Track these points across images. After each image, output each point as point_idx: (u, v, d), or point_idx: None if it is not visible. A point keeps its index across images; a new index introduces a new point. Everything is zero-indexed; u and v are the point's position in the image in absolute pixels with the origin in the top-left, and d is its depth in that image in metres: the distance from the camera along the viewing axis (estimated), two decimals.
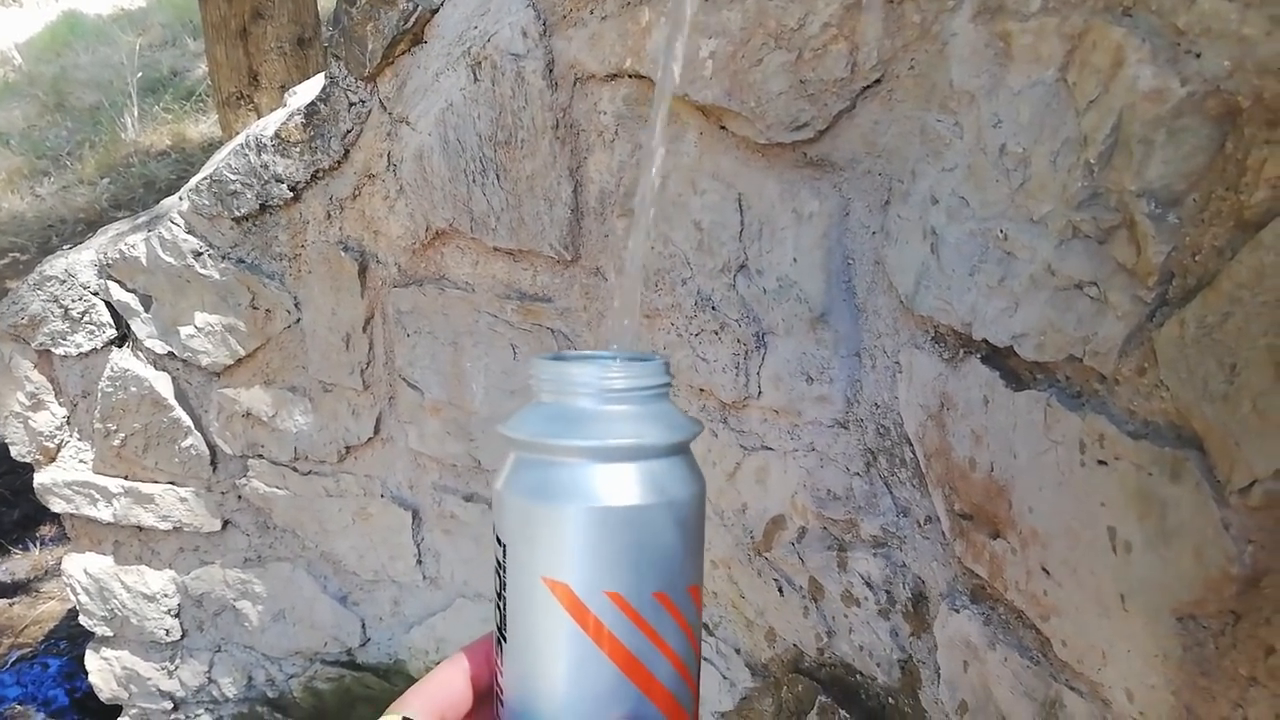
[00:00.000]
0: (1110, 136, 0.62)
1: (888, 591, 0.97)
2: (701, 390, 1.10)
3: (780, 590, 1.10)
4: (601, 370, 0.44)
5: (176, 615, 1.75)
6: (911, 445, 0.89)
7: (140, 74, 5.50)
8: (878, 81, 0.86)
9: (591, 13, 1.05)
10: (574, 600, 0.41)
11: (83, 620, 1.81)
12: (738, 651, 1.22)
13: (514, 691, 0.44)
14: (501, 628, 0.44)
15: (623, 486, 0.42)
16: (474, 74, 1.14)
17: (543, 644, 0.42)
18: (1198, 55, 0.57)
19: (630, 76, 1.05)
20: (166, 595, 1.74)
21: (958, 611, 0.85)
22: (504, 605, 0.44)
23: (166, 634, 1.76)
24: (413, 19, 1.16)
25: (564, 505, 0.41)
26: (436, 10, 1.16)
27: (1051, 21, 0.67)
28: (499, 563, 0.44)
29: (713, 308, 1.05)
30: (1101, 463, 0.65)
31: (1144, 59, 0.59)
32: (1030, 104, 0.69)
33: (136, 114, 5.29)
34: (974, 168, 0.75)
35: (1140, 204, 0.60)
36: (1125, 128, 0.61)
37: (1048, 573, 0.72)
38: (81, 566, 1.75)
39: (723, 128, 0.99)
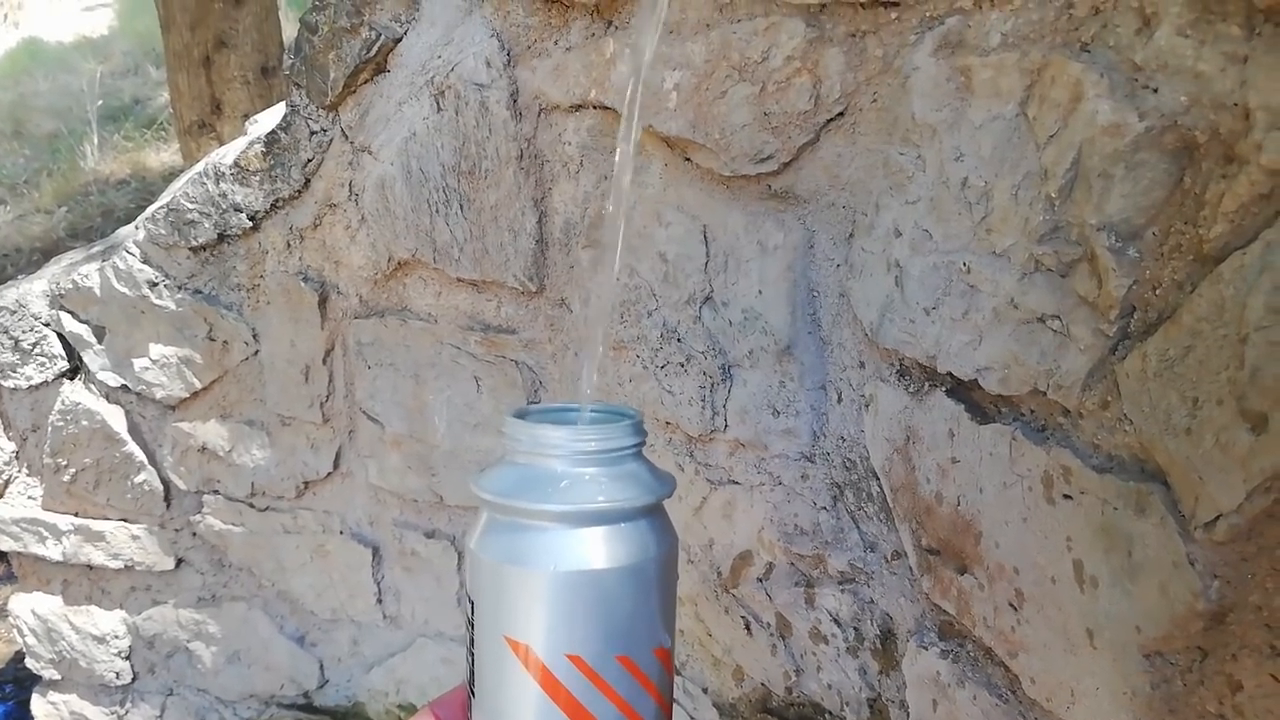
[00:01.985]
0: (1070, 170, 0.63)
1: (856, 628, 0.96)
2: (668, 424, 1.08)
3: (748, 627, 1.08)
4: (573, 433, 0.44)
5: (127, 657, 1.70)
6: (878, 479, 0.89)
7: (101, 102, 5.44)
8: (841, 114, 0.86)
9: (555, 44, 1.05)
10: (536, 662, 0.41)
11: (29, 663, 1.74)
12: (705, 691, 1.20)
13: None
14: (471, 683, 0.44)
15: (589, 550, 0.42)
16: (437, 103, 1.13)
17: (507, 703, 0.43)
18: (1155, 90, 0.57)
19: (595, 107, 1.05)
20: (117, 637, 1.68)
21: (926, 648, 0.84)
22: (473, 661, 0.44)
23: (117, 677, 1.70)
24: (375, 48, 1.15)
25: (529, 568, 0.42)
26: (399, 39, 1.15)
27: (1011, 57, 0.68)
28: (469, 619, 0.44)
29: (678, 340, 1.04)
30: (1067, 497, 0.64)
31: (1102, 94, 0.60)
32: (991, 138, 0.70)
33: (96, 142, 5.23)
34: (937, 201, 0.76)
35: (1101, 237, 0.61)
36: (1085, 162, 0.62)
37: (1015, 609, 0.71)
38: (29, 607, 1.69)
39: (687, 159, 0.98)
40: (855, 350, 0.91)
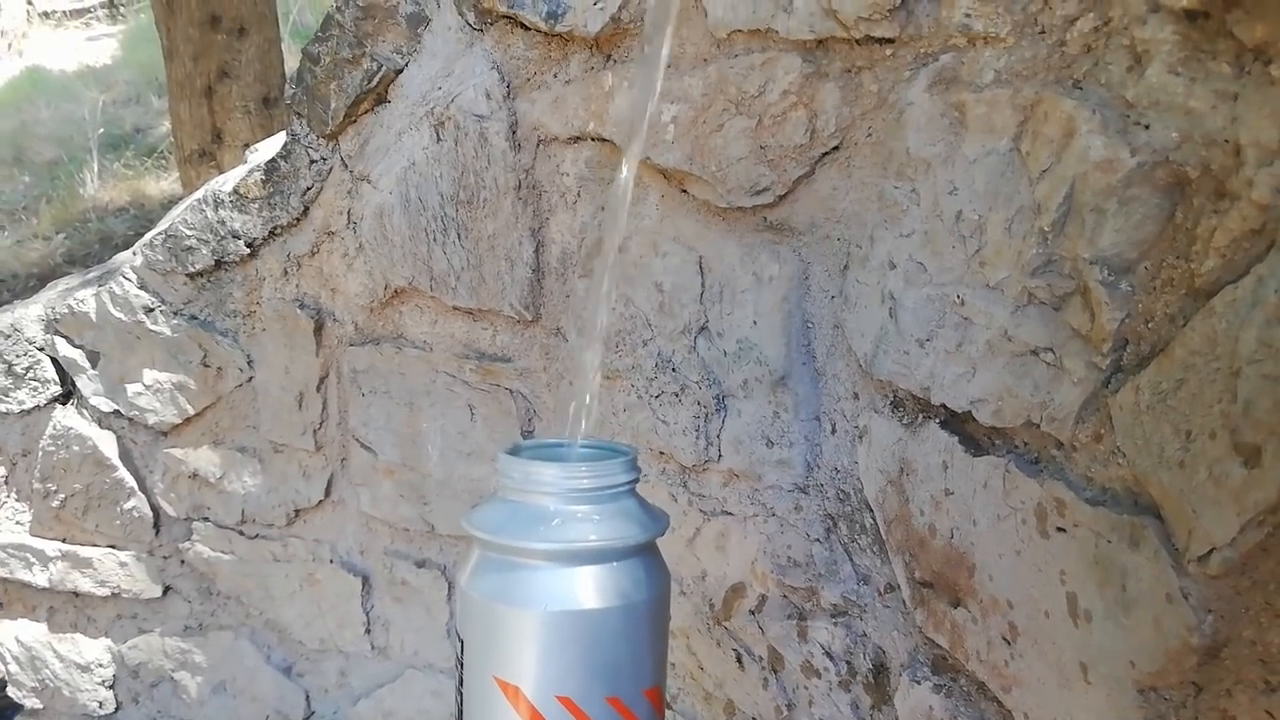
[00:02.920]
0: (1063, 205, 0.63)
1: (848, 662, 0.95)
2: (661, 454, 1.08)
3: (740, 661, 1.07)
4: (566, 470, 0.43)
5: (111, 687, 1.67)
6: (871, 511, 0.88)
7: (102, 130, 5.47)
8: (836, 148, 0.87)
9: (555, 76, 1.06)
10: (525, 703, 0.41)
11: (11, 691, 1.72)
12: None
13: None
14: None
15: (579, 591, 0.41)
16: (437, 134, 1.14)
17: None
18: (1146, 127, 0.58)
19: (593, 140, 1.06)
20: (101, 665, 1.66)
21: (919, 683, 0.83)
22: (461, 700, 0.43)
23: (100, 706, 1.68)
24: (376, 78, 1.17)
25: (520, 608, 0.41)
26: (401, 70, 1.17)
27: (1004, 93, 0.69)
28: (459, 658, 0.44)
29: (673, 369, 1.04)
30: (1060, 529, 0.64)
31: (1094, 130, 0.61)
32: (985, 172, 0.70)
33: (96, 170, 5.25)
34: (931, 234, 0.76)
35: (1093, 271, 0.61)
36: (1077, 196, 0.62)
37: (1009, 642, 0.71)
38: (13, 634, 1.67)
39: (684, 191, 0.99)
40: (849, 382, 0.91)
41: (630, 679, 0.42)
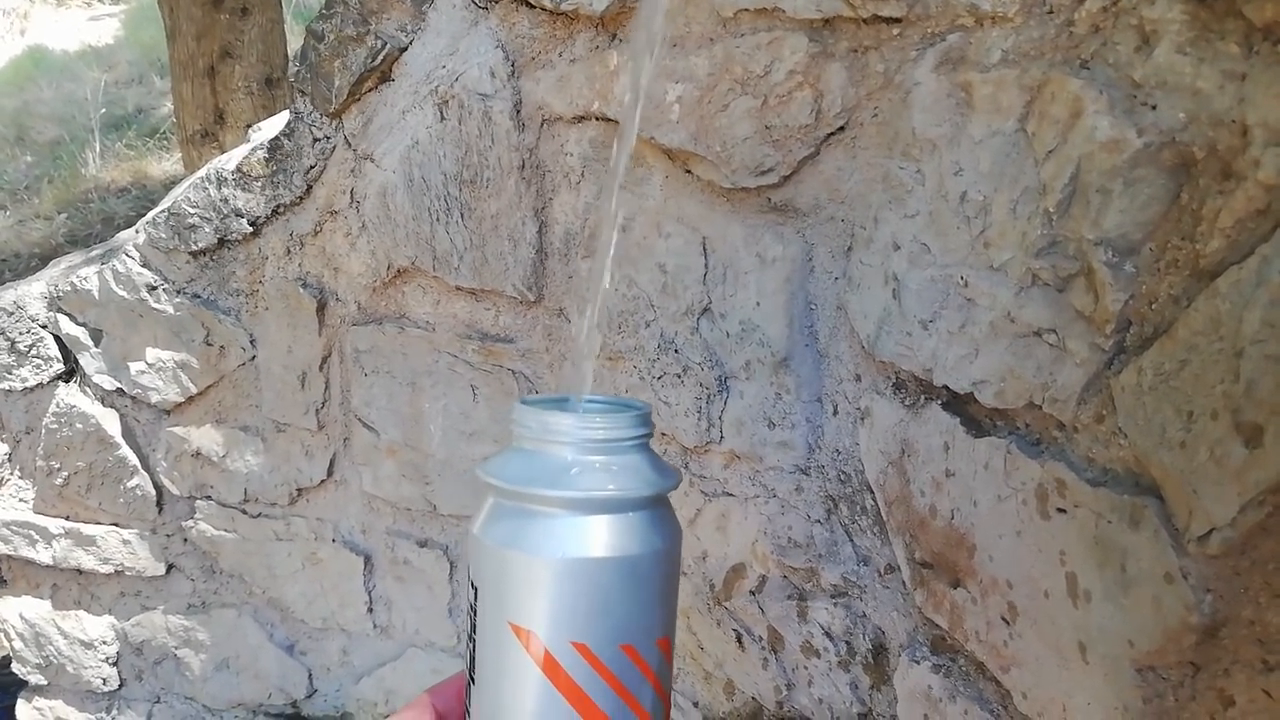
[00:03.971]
0: (1069, 186, 0.63)
1: (848, 642, 0.96)
2: (664, 434, 1.08)
3: (740, 641, 1.08)
4: (582, 420, 0.44)
5: (115, 664, 1.68)
6: (872, 492, 0.89)
7: (104, 110, 5.45)
8: (841, 129, 0.86)
9: (560, 55, 1.06)
10: (540, 648, 0.41)
11: (15, 668, 1.73)
12: (696, 705, 1.19)
13: None
14: (471, 669, 0.44)
15: (595, 539, 0.42)
16: (441, 113, 1.14)
17: (508, 690, 0.42)
18: (1153, 107, 0.58)
19: (597, 119, 1.05)
20: (105, 642, 1.67)
21: (918, 663, 0.84)
22: (474, 647, 0.44)
23: (104, 683, 1.69)
24: (380, 56, 1.16)
25: (536, 555, 0.42)
26: (405, 49, 1.16)
27: (1011, 73, 0.68)
28: (471, 605, 0.44)
29: (676, 351, 1.04)
30: (1061, 510, 0.64)
31: (1101, 110, 0.60)
32: (991, 153, 0.70)
33: (98, 150, 5.24)
34: (935, 215, 0.76)
35: (1098, 252, 0.61)
36: (1083, 177, 0.62)
37: (1008, 623, 0.71)
38: (17, 611, 1.68)
39: (688, 171, 0.99)
40: (852, 363, 0.91)
41: (643, 628, 0.43)
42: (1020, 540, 0.69)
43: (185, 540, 1.58)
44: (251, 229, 1.33)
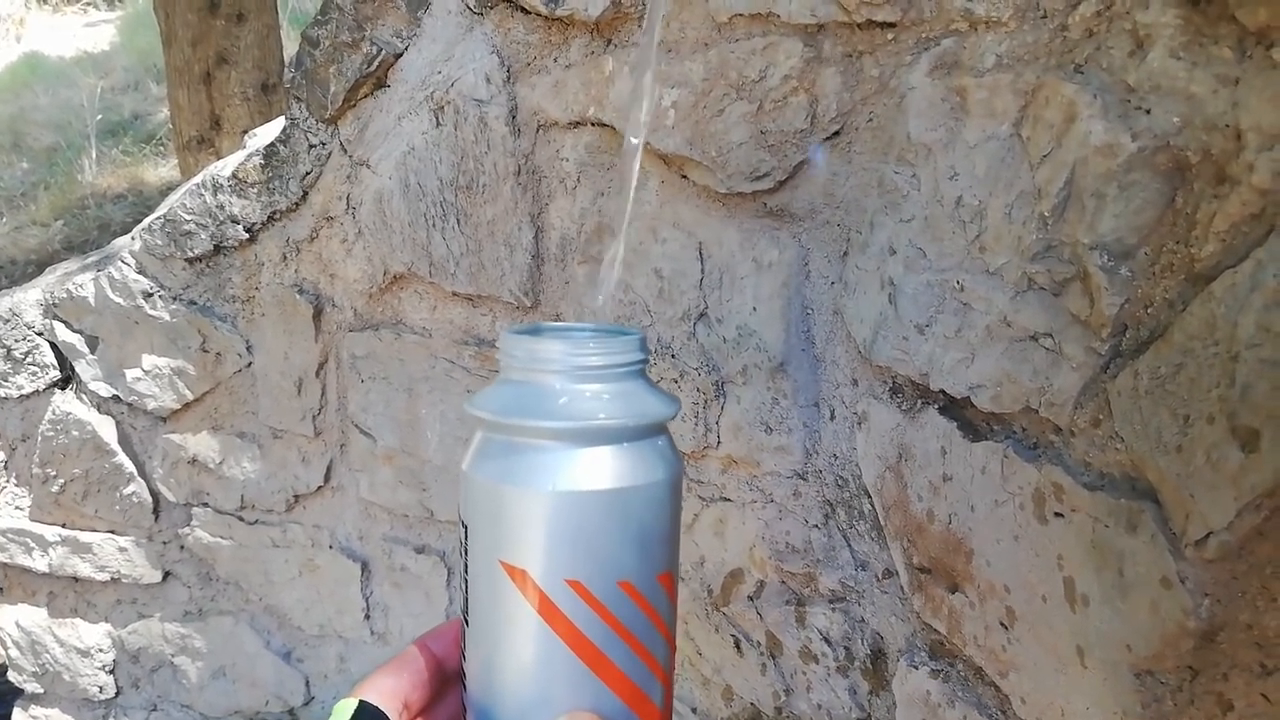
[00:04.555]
0: (1063, 190, 0.63)
1: (846, 648, 0.95)
2: None
3: (738, 646, 1.08)
4: (573, 346, 0.42)
5: (111, 672, 1.68)
6: (870, 497, 0.88)
7: (100, 116, 5.45)
8: (837, 133, 0.86)
9: (555, 61, 1.06)
10: (533, 587, 0.39)
11: (12, 676, 1.72)
12: (694, 711, 1.19)
13: (476, 677, 0.42)
14: (465, 610, 0.42)
15: (590, 470, 0.40)
16: (436, 118, 1.14)
17: (502, 631, 0.40)
18: (1147, 111, 0.58)
19: (593, 124, 1.05)
20: (101, 650, 1.67)
21: (916, 668, 0.84)
22: (466, 589, 0.42)
23: (100, 691, 1.68)
24: (376, 62, 1.16)
25: (526, 488, 0.39)
26: (400, 55, 1.16)
27: (1006, 77, 0.69)
28: (462, 544, 0.42)
29: (672, 356, 1.04)
30: (1058, 515, 0.64)
31: (1095, 114, 0.61)
32: (986, 157, 0.70)
33: (94, 156, 5.24)
34: (931, 219, 0.76)
35: (1093, 256, 0.61)
36: (1078, 181, 0.62)
37: (1006, 627, 0.71)
38: (13, 619, 1.67)
39: (684, 176, 0.99)
40: (848, 368, 0.91)
41: (643, 563, 0.41)
42: (1018, 545, 0.69)
43: (182, 547, 1.57)
44: (247, 235, 1.33)
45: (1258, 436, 0.50)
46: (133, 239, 1.42)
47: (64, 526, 1.59)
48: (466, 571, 0.42)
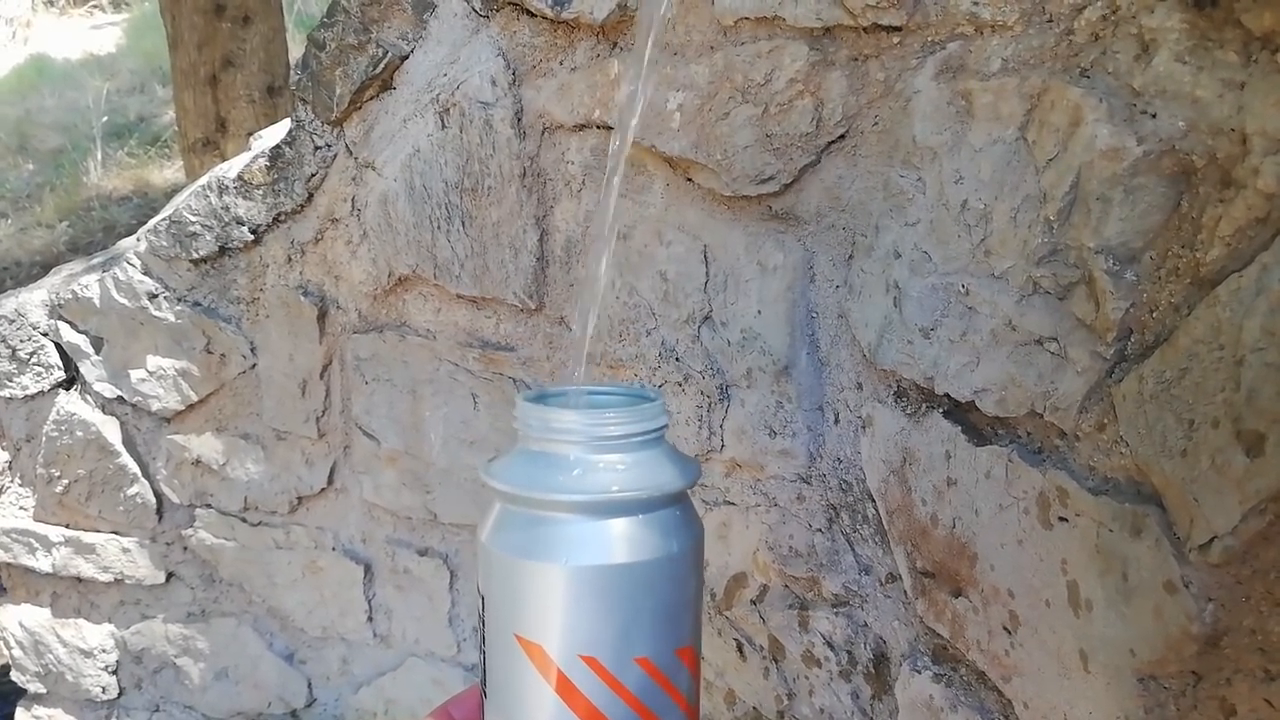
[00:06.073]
0: (1069, 194, 0.63)
1: (849, 652, 0.95)
2: None
3: (741, 650, 1.08)
4: (590, 417, 0.41)
5: (114, 672, 1.68)
6: (874, 501, 0.88)
7: (106, 119, 5.47)
8: (842, 137, 0.87)
9: (561, 64, 1.06)
10: (548, 663, 0.39)
11: (15, 676, 1.72)
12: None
13: None
14: (484, 681, 0.42)
15: (607, 543, 0.39)
16: (442, 121, 1.14)
17: (518, 706, 0.40)
18: (1153, 115, 0.58)
19: (598, 127, 1.06)
20: (104, 651, 1.67)
21: (919, 672, 0.83)
22: (484, 660, 0.42)
23: (103, 692, 1.68)
24: (382, 65, 1.17)
25: (541, 562, 0.39)
26: (406, 57, 1.17)
27: (1011, 81, 0.69)
28: (480, 615, 0.42)
29: (677, 359, 1.04)
30: (1063, 519, 0.64)
31: (1101, 118, 0.61)
32: (991, 161, 0.70)
33: (100, 158, 5.25)
34: (936, 223, 0.76)
35: (1099, 260, 0.61)
36: (1083, 185, 0.62)
37: (1010, 632, 0.71)
38: (17, 619, 1.67)
39: (689, 179, 0.99)
40: (853, 371, 0.91)
41: (661, 638, 0.40)
42: (1022, 549, 0.69)
43: (185, 548, 1.58)
44: (253, 237, 1.33)
45: (1263, 441, 0.50)
46: (138, 240, 1.42)
47: (68, 527, 1.59)
48: (484, 643, 0.41)
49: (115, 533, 1.58)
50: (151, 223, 1.42)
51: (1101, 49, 0.62)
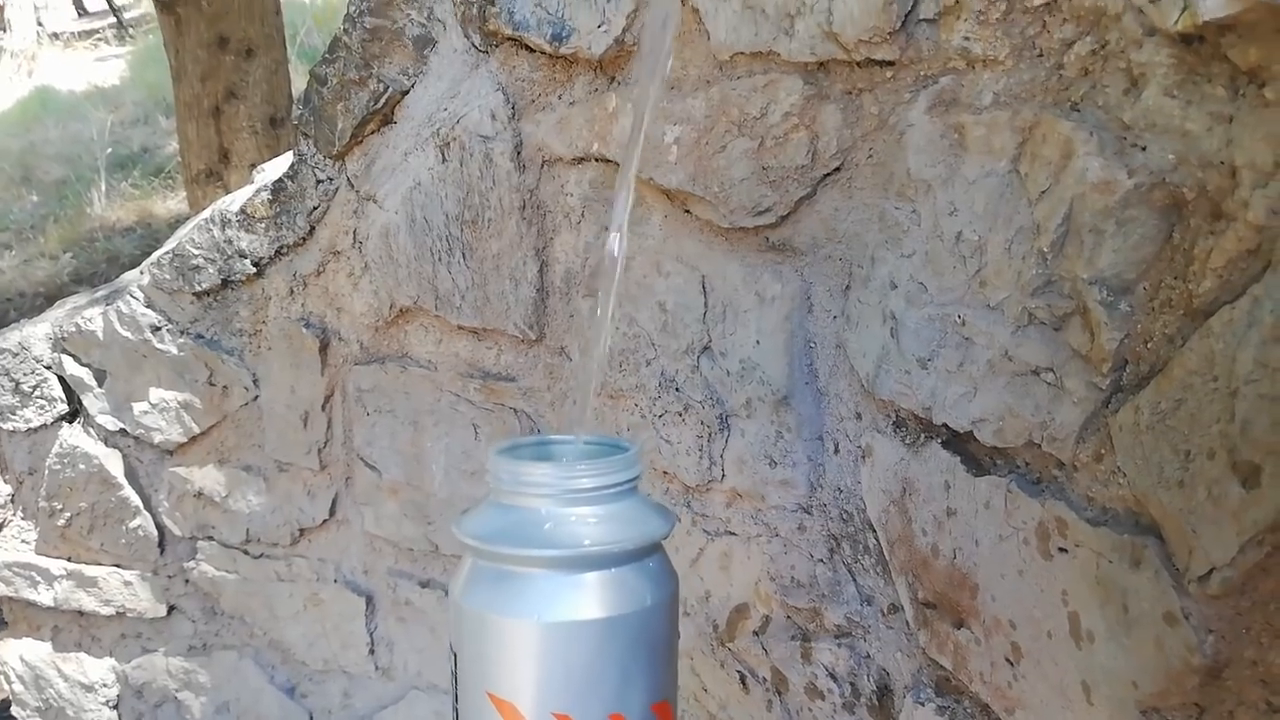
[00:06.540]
0: (1062, 226, 0.64)
1: (852, 684, 0.95)
2: (665, 473, 1.08)
3: (743, 682, 1.07)
4: (560, 470, 0.40)
5: (115, 707, 1.67)
6: (875, 531, 0.88)
7: (110, 150, 5.52)
8: (838, 169, 0.87)
9: (559, 98, 1.07)
10: None
11: (15, 711, 1.71)
12: None
13: None
14: None
15: (579, 598, 0.39)
16: (443, 154, 1.15)
17: None
18: (1143, 149, 0.59)
19: (597, 160, 1.07)
20: (105, 685, 1.66)
21: (922, 704, 0.83)
22: (457, 717, 0.41)
23: None
24: (383, 99, 1.18)
25: (512, 619, 0.38)
26: (407, 92, 1.18)
27: (1003, 115, 0.69)
28: (452, 673, 0.41)
29: (676, 389, 1.05)
30: (1062, 550, 0.64)
31: (1092, 151, 0.61)
32: (985, 193, 0.71)
33: (104, 189, 5.29)
34: (931, 254, 0.77)
35: (1092, 292, 0.62)
36: (1076, 217, 0.63)
37: (1012, 663, 0.71)
38: (18, 653, 1.67)
39: (687, 211, 1.00)
40: (852, 401, 0.91)
41: (635, 694, 0.39)
42: (1022, 580, 0.69)
43: (187, 581, 1.57)
44: (255, 269, 1.34)
45: (1258, 472, 0.50)
46: (141, 273, 1.43)
47: (69, 560, 1.59)
48: (456, 701, 0.41)
49: (117, 565, 1.58)
50: (154, 256, 1.43)
51: (1091, 83, 0.63)
